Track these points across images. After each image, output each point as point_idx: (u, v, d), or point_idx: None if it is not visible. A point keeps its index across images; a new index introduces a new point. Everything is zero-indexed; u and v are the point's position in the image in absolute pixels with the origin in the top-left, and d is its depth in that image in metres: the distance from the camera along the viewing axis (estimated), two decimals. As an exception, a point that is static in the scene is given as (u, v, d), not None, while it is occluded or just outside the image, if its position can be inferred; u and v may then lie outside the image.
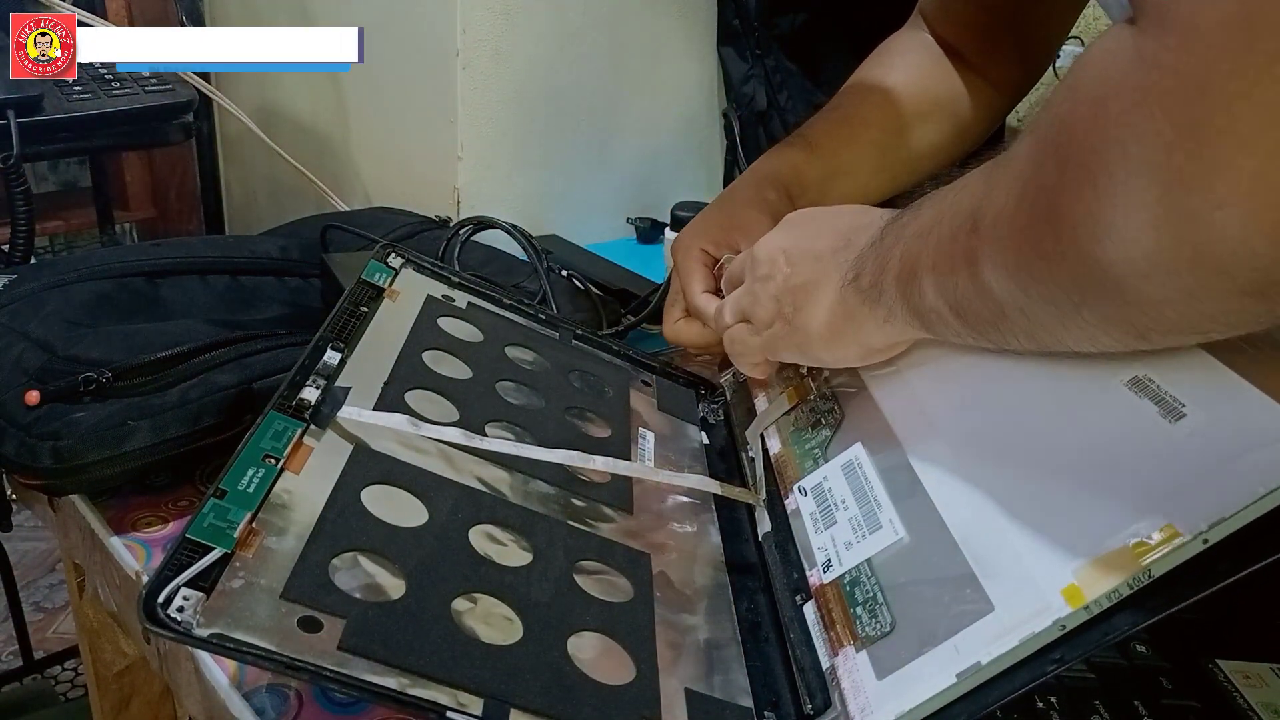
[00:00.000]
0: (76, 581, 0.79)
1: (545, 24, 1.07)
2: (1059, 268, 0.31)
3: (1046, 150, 0.31)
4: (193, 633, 0.35)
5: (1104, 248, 0.28)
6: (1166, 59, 0.25)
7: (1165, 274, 0.27)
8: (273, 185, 1.42)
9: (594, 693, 0.40)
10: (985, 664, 0.35)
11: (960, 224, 0.37)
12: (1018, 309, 0.35)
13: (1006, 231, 0.34)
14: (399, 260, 0.63)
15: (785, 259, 0.51)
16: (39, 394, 0.55)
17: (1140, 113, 0.26)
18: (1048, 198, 0.31)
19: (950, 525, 0.41)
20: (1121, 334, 0.33)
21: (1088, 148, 0.29)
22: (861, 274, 0.46)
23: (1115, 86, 0.27)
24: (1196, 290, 0.27)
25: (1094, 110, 0.28)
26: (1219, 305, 0.28)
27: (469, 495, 0.48)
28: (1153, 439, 0.34)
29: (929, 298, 0.41)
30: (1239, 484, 0.30)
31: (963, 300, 0.38)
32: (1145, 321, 0.30)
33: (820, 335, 0.50)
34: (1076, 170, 0.29)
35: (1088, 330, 0.33)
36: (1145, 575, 0.31)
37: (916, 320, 0.43)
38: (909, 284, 0.42)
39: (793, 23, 1.16)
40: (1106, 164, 0.28)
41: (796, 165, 0.69)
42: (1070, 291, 0.32)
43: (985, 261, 0.36)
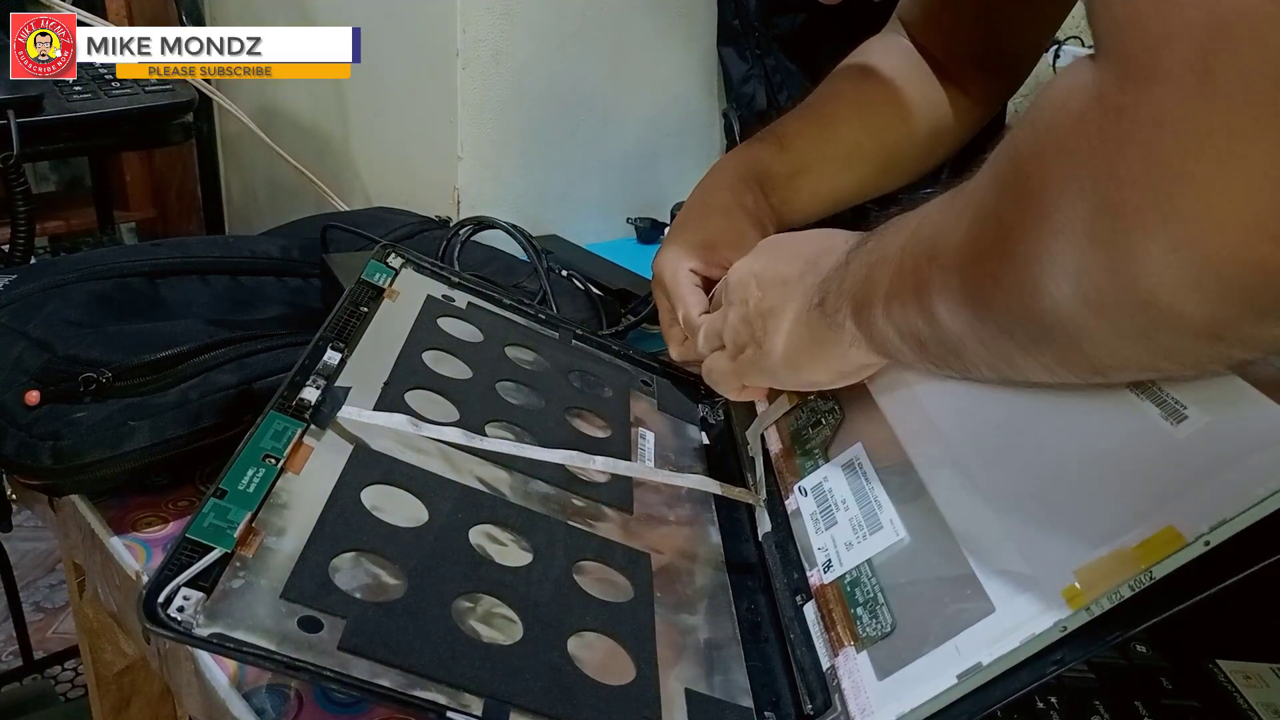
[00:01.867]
0: (76, 581, 0.79)
1: (545, 24, 1.07)
2: (1015, 302, 0.31)
3: (1006, 183, 0.31)
4: (193, 632, 0.35)
5: (1059, 285, 0.28)
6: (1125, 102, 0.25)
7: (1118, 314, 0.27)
8: (273, 185, 1.42)
9: (594, 693, 0.40)
10: (986, 665, 0.35)
11: (920, 253, 0.37)
12: (976, 340, 0.35)
13: (963, 263, 0.34)
14: (399, 260, 0.63)
15: (756, 283, 0.52)
16: (39, 394, 0.55)
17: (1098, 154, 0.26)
18: (1005, 232, 0.31)
19: (951, 526, 0.41)
20: (1079, 369, 0.33)
21: (1046, 185, 0.28)
22: (826, 299, 0.46)
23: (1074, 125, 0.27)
24: (1150, 331, 0.27)
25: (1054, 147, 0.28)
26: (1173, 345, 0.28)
27: (469, 495, 0.48)
28: (1154, 441, 0.34)
29: (889, 326, 0.41)
30: (1241, 486, 0.30)
31: (922, 330, 0.38)
32: (1102, 358, 0.30)
33: (789, 359, 0.50)
34: (1034, 207, 0.29)
35: (1045, 364, 0.33)
36: (1146, 577, 0.31)
37: (877, 347, 0.43)
38: (869, 311, 0.42)
39: (793, 23, 1.16)
40: (1063, 203, 0.27)
41: (765, 161, 0.68)
42: (1026, 326, 0.31)
43: (943, 292, 0.36)
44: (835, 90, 0.73)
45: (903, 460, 0.46)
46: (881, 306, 0.41)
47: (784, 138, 0.70)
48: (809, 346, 0.49)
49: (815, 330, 0.47)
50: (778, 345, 0.50)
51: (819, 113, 0.72)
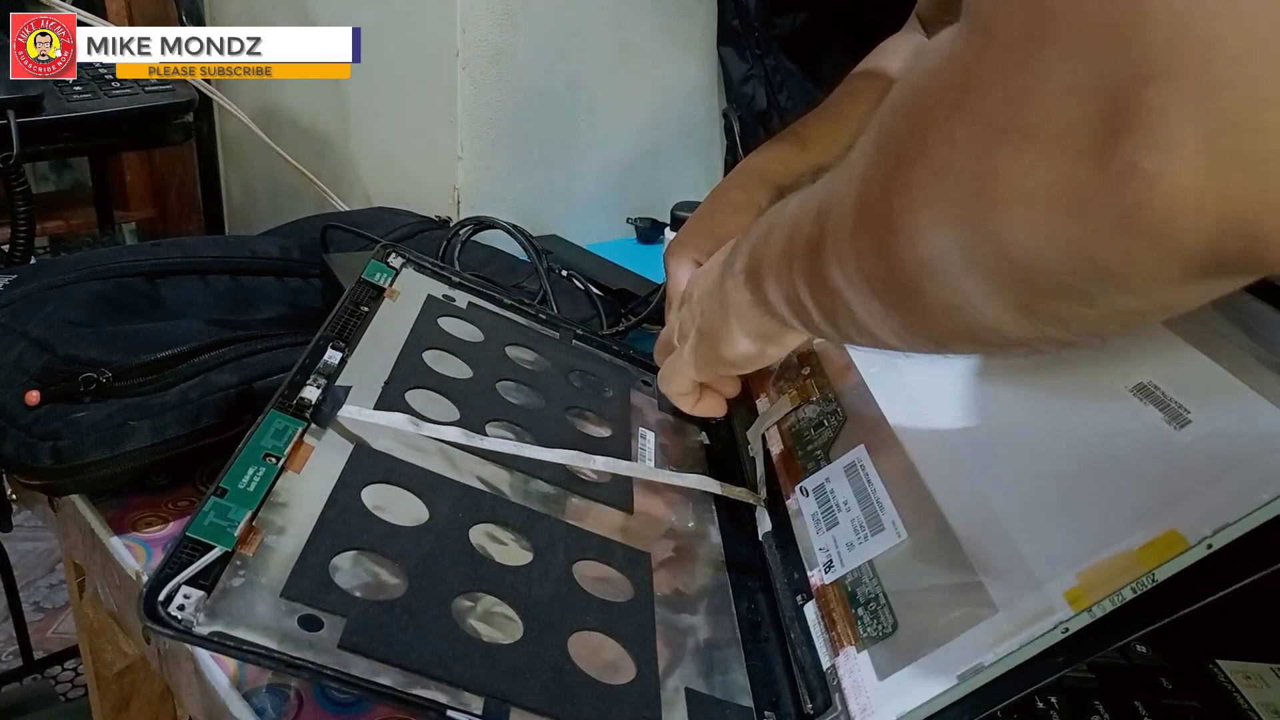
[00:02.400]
0: (76, 581, 0.79)
1: (545, 24, 1.07)
2: (878, 262, 0.31)
3: (870, 139, 0.32)
4: (193, 631, 0.35)
5: (913, 245, 0.29)
6: (969, 59, 0.25)
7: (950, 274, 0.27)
8: (273, 185, 1.42)
9: (594, 692, 0.40)
10: (987, 666, 0.35)
11: (811, 214, 0.38)
12: (846, 303, 0.35)
13: (841, 223, 0.34)
14: (399, 260, 0.63)
15: (702, 275, 0.53)
16: (39, 394, 0.55)
17: (942, 110, 0.26)
18: (865, 188, 0.31)
19: (953, 527, 0.41)
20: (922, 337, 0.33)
21: (897, 139, 0.29)
22: (734, 262, 0.46)
23: (931, 84, 0.28)
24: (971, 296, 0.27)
25: (909, 104, 0.29)
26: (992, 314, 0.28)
27: (469, 494, 0.48)
28: (1157, 445, 0.34)
29: (785, 286, 0.41)
30: (1243, 490, 0.30)
31: (811, 290, 0.38)
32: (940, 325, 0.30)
33: (718, 332, 0.50)
34: (887, 162, 0.30)
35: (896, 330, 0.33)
36: (1149, 579, 0.31)
37: (785, 307, 0.43)
38: (770, 271, 0.42)
39: (793, 23, 1.16)
40: (909, 157, 0.28)
41: (787, 161, 0.69)
42: (888, 286, 0.32)
43: (826, 252, 0.36)
44: (856, 90, 0.73)
45: (905, 462, 0.46)
46: (782, 265, 0.41)
47: (806, 140, 0.70)
48: (731, 315, 0.48)
49: (724, 298, 0.47)
50: (711, 321, 0.50)
51: (841, 114, 0.72)
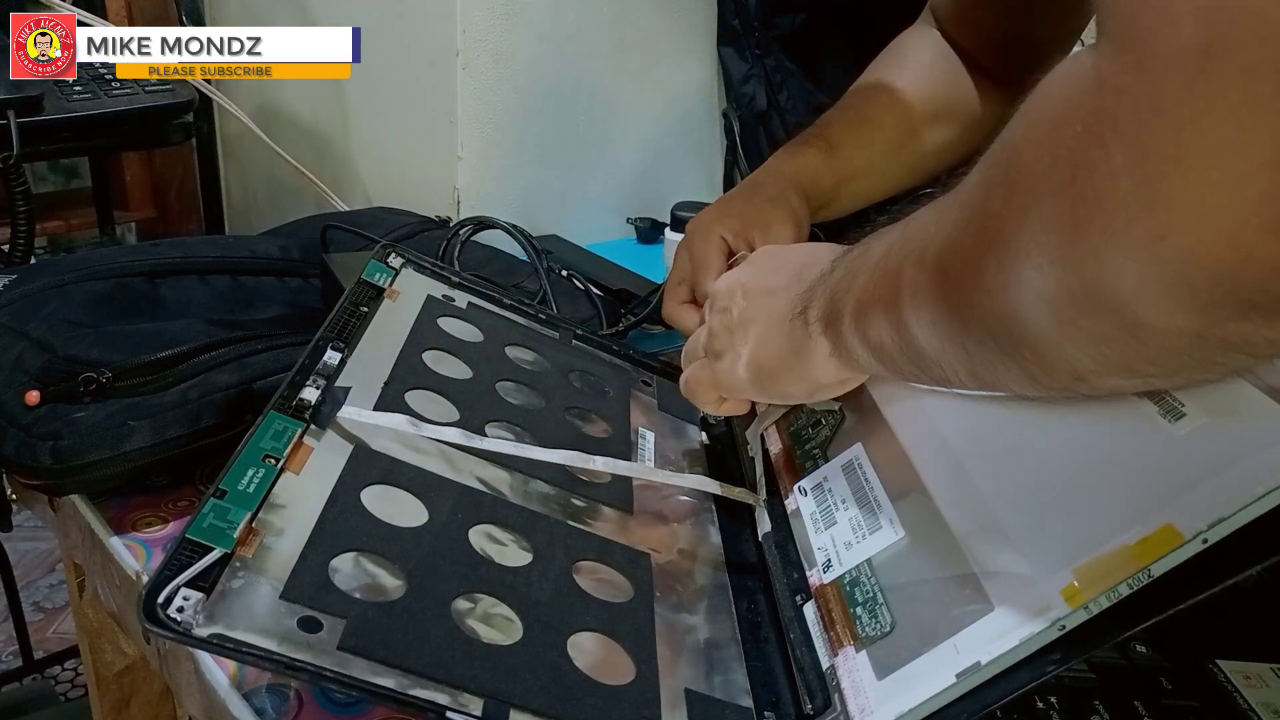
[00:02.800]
0: (76, 581, 0.79)
1: (545, 24, 1.07)
2: (1000, 300, 0.30)
3: (996, 176, 0.31)
4: (192, 633, 0.35)
5: (1045, 278, 0.27)
6: (1122, 81, 0.24)
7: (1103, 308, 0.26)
8: (273, 185, 1.42)
9: (594, 693, 0.40)
10: (985, 664, 0.35)
11: (905, 255, 0.36)
12: (958, 347, 0.34)
13: (952, 261, 0.33)
14: (399, 260, 0.63)
15: (742, 293, 0.51)
16: (39, 394, 0.55)
17: (1090, 136, 0.25)
18: (995, 224, 0.30)
19: (950, 525, 0.41)
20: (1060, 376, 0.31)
21: (1037, 173, 0.28)
22: (809, 308, 0.45)
23: (1069, 110, 0.27)
24: (1133, 327, 0.26)
25: (1047, 134, 0.28)
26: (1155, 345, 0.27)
27: (469, 495, 0.48)
28: (1153, 438, 0.34)
29: (875, 332, 0.40)
30: (1239, 484, 0.30)
31: (907, 334, 0.37)
32: (1085, 361, 0.29)
33: (769, 369, 0.49)
34: (1024, 196, 0.28)
35: (1027, 370, 0.32)
36: (1145, 575, 0.31)
37: (866, 353, 0.42)
38: (859, 318, 0.41)
39: (793, 23, 1.16)
40: (1054, 189, 0.27)
41: (816, 170, 0.69)
42: (1010, 328, 0.30)
43: (930, 295, 0.35)
44: (875, 88, 0.73)
45: (902, 460, 0.46)
46: (875, 311, 0.40)
47: (832, 143, 0.70)
48: (787, 357, 0.48)
49: (795, 341, 0.46)
50: (757, 354, 0.49)
51: (863, 116, 0.72)
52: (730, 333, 0.52)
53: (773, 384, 0.50)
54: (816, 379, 0.47)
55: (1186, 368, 0.28)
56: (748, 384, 0.51)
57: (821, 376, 0.47)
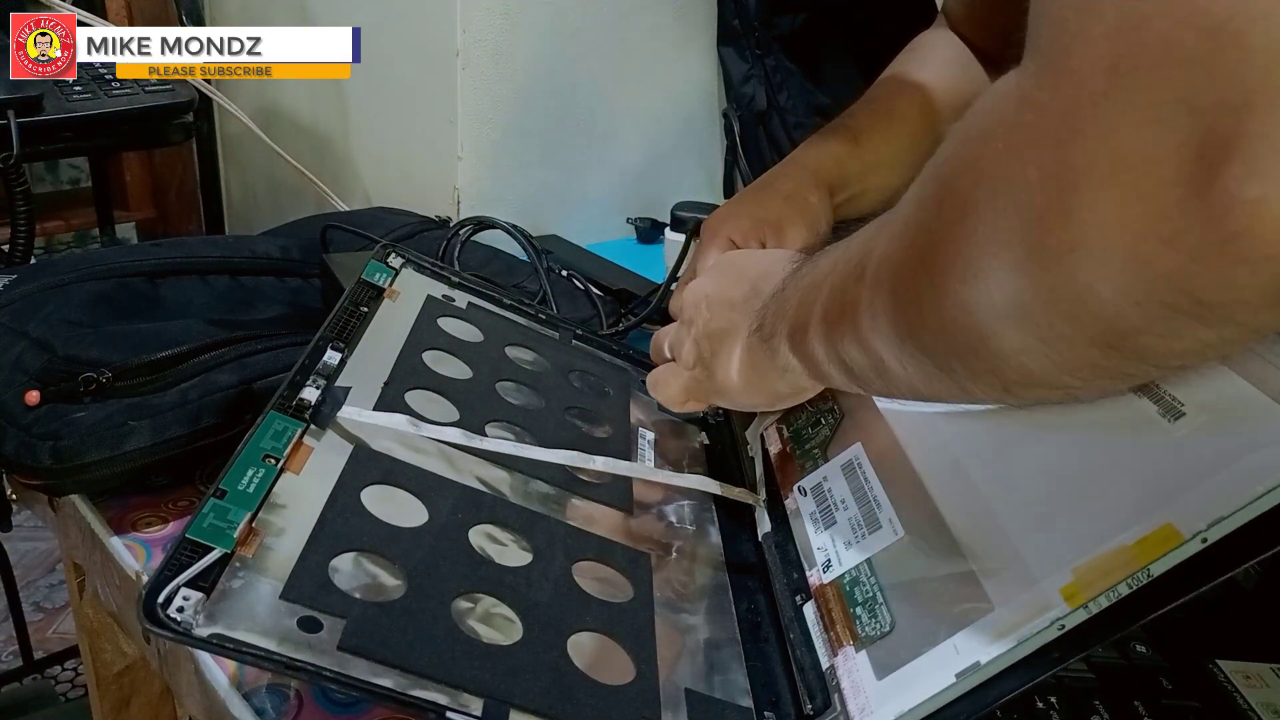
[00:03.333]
0: (76, 581, 0.79)
1: (545, 24, 1.07)
2: (932, 313, 0.31)
3: (929, 192, 0.31)
4: (192, 633, 0.35)
5: (970, 290, 0.28)
6: (1040, 98, 0.25)
7: (1022, 319, 0.27)
8: (273, 185, 1.42)
9: (594, 693, 0.40)
10: (985, 663, 0.35)
11: (848, 273, 0.37)
12: (896, 359, 0.35)
13: (887, 276, 0.34)
14: (399, 260, 0.63)
15: (706, 305, 0.53)
16: (39, 394, 0.55)
17: (1011, 152, 0.26)
18: (926, 239, 0.31)
19: (950, 525, 0.41)
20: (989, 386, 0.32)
21: (963, 188, 0.28)
22: (763, 325, 0.46)
23: (993, 127, 0.27)
24: (1050, 338, 0.27)
25: (973, 150, 0.28)
26: (1072, 356, 0.27)
27: (469, 495, 0.48)
28: (1152, 438, 0.34)
29: (818, 350, 0.41)
30: (1238, 483, 0.30)
31: (848, 351, 0.38)
32: (1008, 373, 0.30)
33: (732, 382, 0.51)
34: (951, 211, 0.29)
35: (959, 382, 0.33)
36: (1144, 575, 0.31)
37: (810, 370, 0.43)
38: (801, 336, 0.42)
39: (793, 23, 1.16)
40: (977, 204, 0.27)
41: (840, 158, 0.69)
42: (941, 337, 0.31)
43: (867, 310, 0.35)
44: (899, 83, 0.73)
45: (901, 459, 0.46)
46: (814, 330, 0.41)
47: (858, 134, 0.70)
48: (749, 371, 0.49)
49: (755, 355, 0.48)
50: (723, 368, 0.51)
51: (889, 108, 0.72)
52: (697, 344, 0.53)
53: (739, 394, 0.52)
54: (773, 389, 0.49)
55: (1102, 378, 0.29)
56: (715, 394, 0.54)
57: (778, 387, 0.49)
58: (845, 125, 0.71)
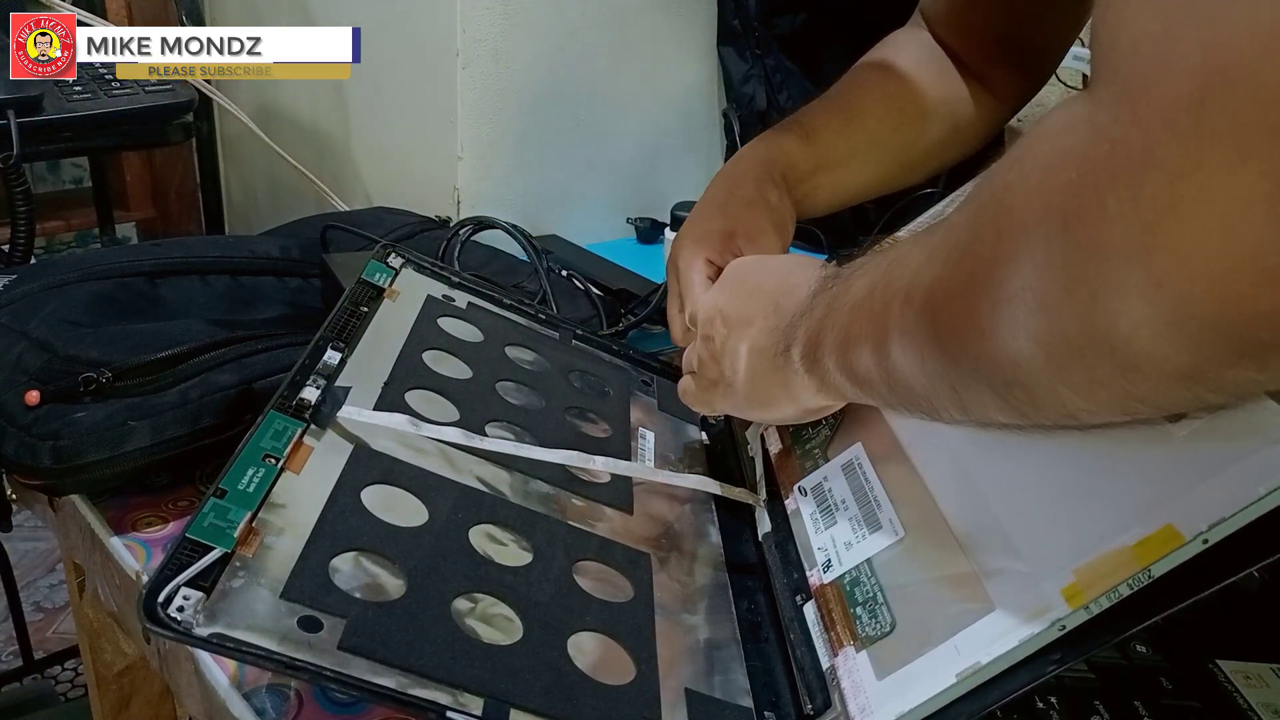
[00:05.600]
0: (76, 581, 0.79)
1: (545, 24, 1.07)
2: (990, 342, 0.30)
3: (986, 220, 0.31)
4: (193, 632, 0.35)
5: (1036, 322, 0.28)
6: (1117, 132, 0.25)
7: (1092, 356, 0.27)
8: (273, 185, 1.42)
9: (594, 693, 0.40)
10: (985, 664, 0.35)
11: (894, 294, 0.37)
12: (948, 384, 0.34)
13: (940, 301, 0.33)
14: (399, 260, 0.63)
15: (722, 320, 0.52)
16: (39, 394, 0.55)
17: (1085, 184, 0.25)
18: (984, 268, 0.30)
19: (950, 525, 0.41)
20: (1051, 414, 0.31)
21: (1028, 218, 0.28)
22: (793, 345, 0.45)
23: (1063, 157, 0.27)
24: (1125, 371, 0.26)
25: (1039, 180, 0.28)
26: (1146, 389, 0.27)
27: (469, 495, 0.48)
28: (1153, 439, 0.34)
29: (863, 369, 0.40)
30: (1239, 484, 0.30)
31: (895, 371, 0.38)
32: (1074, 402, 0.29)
33: (758, 399, 0.50)
34: (1013, 241, 0.28)
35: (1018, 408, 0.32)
36: (1145, 576, 0.31)
37: (853, 387, 0.42)
38: (843, 355, 0.41)
39: (793, 23, 1.16)
40: (1047, 236, 0.27)
41: (791, 154, 0.68)
42: (1001, 368, 0.31)
43: (910, 334, 0.35)
44: (861, 81, 0.73)
45: (902, 460, 0.46)
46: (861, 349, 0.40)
47: (810, 130, 0.69)
48: (772, 388, 0.49)
49: (784, 375, 0.47)
50: (747, 385, 0.50)
51: (845, 104, 0.71)
52: (716, 361, 0.52)
53: (764, 411, 0.52)
54: (805, 405, 0.49)
55: (1177, 406, 0.29)
56: (739, 409, 0.54)
57: (809, 403, 0.48)
58: (799, 122, 0.70)
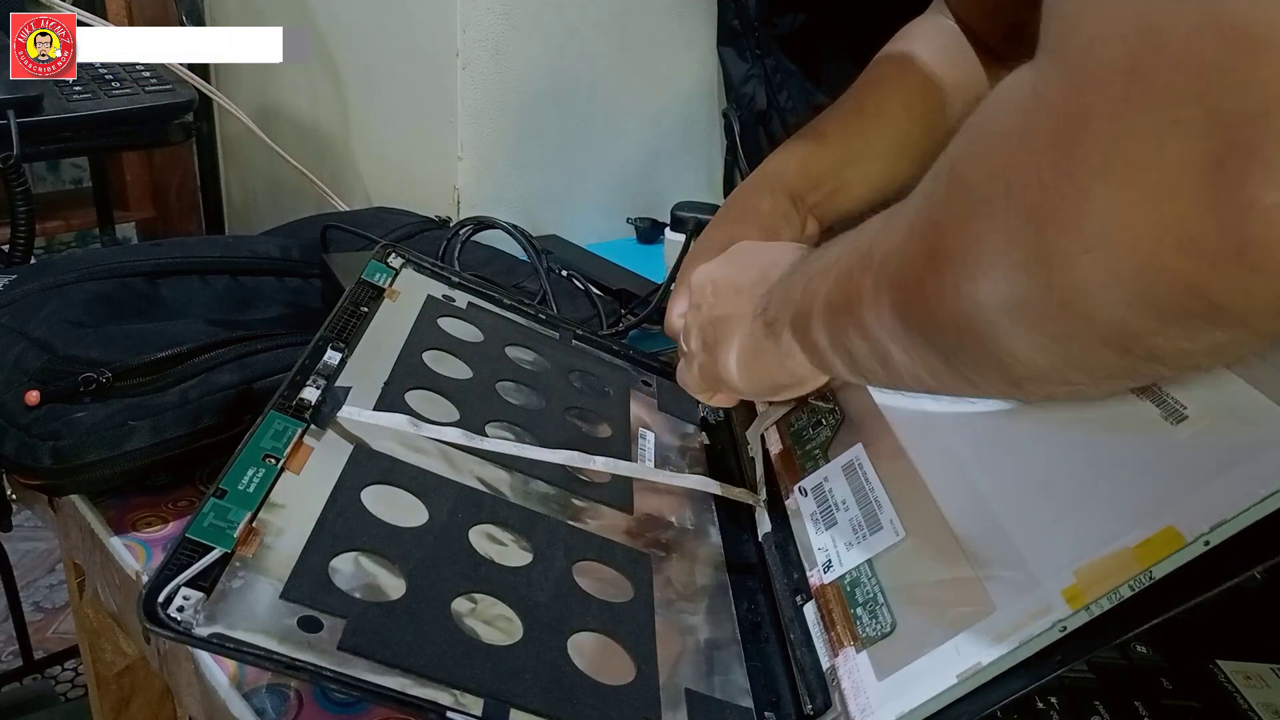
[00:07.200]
0: (76, 581, 0.79)
1: (545, 24, 1.07)
2: (939, 306, 0.31)
3: (939, 186, 0.31)
4: (193, 632, 0.35)
5: (979, 286, 0.28)
6: (1055, 97, 0.25)
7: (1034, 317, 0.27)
8: (273, 185, 1.42)
9: (594, 693, 0.40)
10: (986, 665, 0.35)
11: (854, 262, 0.37)
12: (901, 349, 0.35)
13: (894, 267, 0.34)
14: (399, 260, 0.63)
15: (712, 289, 0.53)
16: (39, 394, 0.55)
17: (1024, 150, 0.26)
18: (934, 233, 0.31)
19: (951, 526, 0.41)
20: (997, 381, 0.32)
21: (974, 184, 0.29)
22: (767, 309, 0.46)
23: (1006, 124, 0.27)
24: (1061, 336, 0.27)
25: (985, 147, 0.28)
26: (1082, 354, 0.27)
27: (469, 495, 0.48)
28: (1154, 441, 0.34)
29: (822, 337, 0.41)
30: (1240, 486, 0.30)
31: (852, 340, 0.38)
32: (1017, 369, 0.30)
33: (734, 369, 0.50)
34: (961, 206, 0.29)
35: (965, 375, 0.33)
36: (1146, 577, 0.31)
37: (812, 359, 0.43)
38: (804, 323, 0.42)
39: (793, 23, 1.16)
40: (989, 200, 0.27)
41: (804, 159, 0.68)
42: (948, 331, 0.31)
43: (873, 299, 0.35)
44: (880, 78, 0.73)
45: (903, 460, 0.46)
46: (818, 317, 0.41)
47: (824, 134, 0.69)
48: (750, 358, 0.49)
49: (757, 340, 0.48)
50: (727, 353, 0.51)
51: (863, 105, 0.71)
52: (701, 330, 0.53)
53: (741, 382, 0.51)
54: (774, 379, 0.49)
55: (1113, 376, 0.29)
56: (725, 380, 0.52)
57: (778, 377, 0.49)
58: (813, 127, 0.70)
